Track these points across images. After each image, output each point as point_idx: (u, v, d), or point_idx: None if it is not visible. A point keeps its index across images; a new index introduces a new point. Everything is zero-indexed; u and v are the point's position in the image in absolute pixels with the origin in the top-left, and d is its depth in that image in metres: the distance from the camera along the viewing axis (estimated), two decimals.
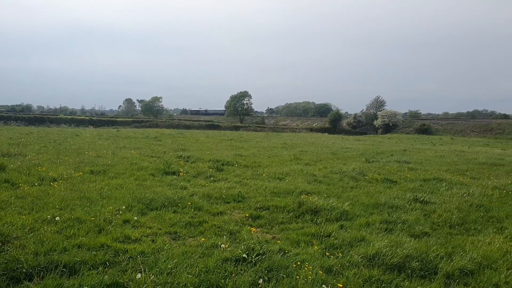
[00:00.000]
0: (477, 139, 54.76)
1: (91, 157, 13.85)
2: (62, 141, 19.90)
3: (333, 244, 5.71)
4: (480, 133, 64.58)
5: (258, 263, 4.80)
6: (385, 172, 13.16)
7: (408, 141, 42.66)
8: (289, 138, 35.08)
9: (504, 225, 7.03)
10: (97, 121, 55.68)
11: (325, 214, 7.31)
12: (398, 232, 6.41)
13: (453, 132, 67.39)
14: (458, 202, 8.64)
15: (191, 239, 5.80)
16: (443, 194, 9.62)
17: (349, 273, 4.63)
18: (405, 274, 4.77)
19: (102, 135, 27.02)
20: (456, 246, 5.71)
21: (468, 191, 9.93)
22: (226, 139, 29.05)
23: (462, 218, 7.41)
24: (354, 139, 41.83)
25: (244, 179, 10.89)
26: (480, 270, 4.91)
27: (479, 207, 8.35)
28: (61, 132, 29.83)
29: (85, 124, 51.48)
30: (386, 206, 8.18)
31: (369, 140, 42.48)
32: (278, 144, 26.00)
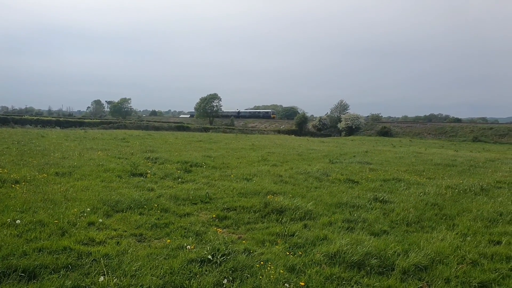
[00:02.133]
0: (433, 141, 57.34)
1: (56, 158, 13.41)
2: (27, 142, 19.08)
3: (297, 243, 5.87)
4: (436, 135, 67.62)
5: (223, 263, 4.88)
6: (347, 173, 13.58)
7: (370, 143, 44.00)
8: (258, 140, 35.30)
9: (456, 222, 7.47)
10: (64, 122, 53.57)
11: (290, 214, 7.48)
12: (359, 230, 6.67)
13: (411, 135, 70.14)
14: (415, 201, 9.07)
15: (157, 241, 5.79)
16: (401, 194, 10.06)
17: (311, 271, 4.79)
18: (365, 271, 4.99)
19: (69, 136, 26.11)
20: (412, 243, 6.01)
21: (424, 191, 10.43)
22: (195, 140, 28.85)
23: (418, 216, 7.79)
24: (319, 141, 42.68)
25: (212, 180, 10.91)
26: (433, 265, 5.21)
27: (434, 205, 8.80)
28: (26, 133, 28.52)
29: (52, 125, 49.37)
30: (348, 206, 8.47)
31: (333, 142, 43.46)
32: (247, 145, 26.13)
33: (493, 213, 8.15)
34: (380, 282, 4.64)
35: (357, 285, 4.58)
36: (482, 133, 63.30)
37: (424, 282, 4.74)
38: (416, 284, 4.66)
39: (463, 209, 8.53)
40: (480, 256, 5.59)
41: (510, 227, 7.18)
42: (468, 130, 66.01)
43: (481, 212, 8.22)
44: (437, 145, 45.60)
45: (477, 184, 11.58)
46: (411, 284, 4.64)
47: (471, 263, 5.30)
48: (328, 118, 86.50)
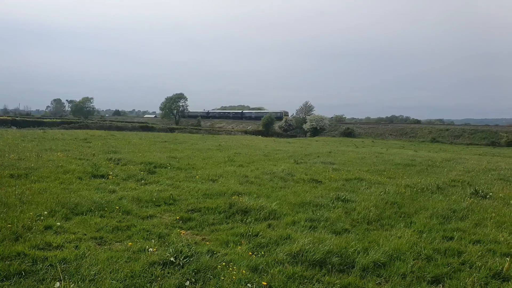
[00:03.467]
0: (394, 142, 59.45)
1: (12, 160, 12.76)
2: None
3: (261, 243, 5.92)
4: (397, 136, 70.12)
5: (186, 265, 4.84)
6: (311, 173, 13.82)
7: (333, 144, 44.99)
8: (224, 140, 35.19)
9: (413, 220, 7.77)
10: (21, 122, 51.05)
11: (255, 214, 7.53)
12: (321, 229, 6.81)
13: (374, 135, 72.33)
14: (376, 200, 9.36)
15: (118, 244, 5.66)
16: (363, 193, 10.35)
17: (274, 271, 4.85)
18: (326, 269, 5.10)
19: (27, 136, 24.87)
20: (372, 241, 6.21)
21: (385, 190, 10.79)
22: (160, 141, 28.33)
23: (378, 215, 8.05)
24: (285, 142, 43.13)
25: (176, 181, 10.78)
26: (391, 261, 5.40)
27: (393, 204, 9.12)
28: None
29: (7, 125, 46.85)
30: (311, 205, 8.62)
31: (299, 142, 44.07)
32: (213, 146, 25.99)
33: (447, 210, 8.55)
34: (341, 280, 4.76)
35: (318, 283, 4.68)
36: (439, 134, 66.26)
37: (382, 278, 4.91)
38: (375, 280, 4.82)
39: (420, 207, 8.88)
40: (434, 252, 5.84)
41: (462, 223, 7.56)
42: (427, 131, 68.89)
43: (436, 209, 8.60)
44: (398, 146, 47.29)
45: (434, 183, 12.10)
46: (370, 280, 4.79)
47: (426, 258, 5.54)
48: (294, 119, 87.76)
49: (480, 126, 70.63)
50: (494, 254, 5.85)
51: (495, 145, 56.44)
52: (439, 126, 72.09)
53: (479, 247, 6.12)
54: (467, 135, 63.43)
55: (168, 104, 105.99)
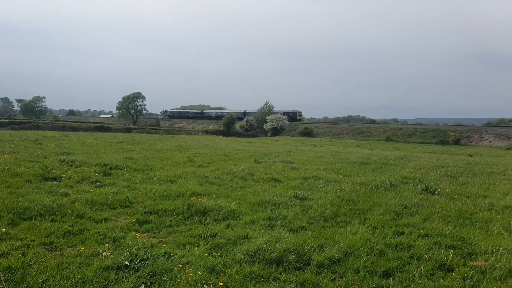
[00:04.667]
0: (351, 141, 61.30)
1: None
2: None
3: (219, 243, 5.91)
4: (354, 135, 72.36)
5: (141, 268, 4.74)
6: (271, 172, 13.97)
7: (293, 143, 45.70)
8: (184, 141, 34.73)
9: (367, 216, 8.05)
10: None
11: (214, 215, 7.50)
12: (279, 227, 6.90)
13: (331, 135, 74.23)
14: (332, 198, 9.62)
15: (70, 249, 5.44)
16: (320, 191, 10.60)
17: (231, 271, 4.86)
18: (283, 267, 5.17)
19: None
20: (327, 238, 6.37)
21: (341, 187, 11.10)
22: (116, 141, 27.46)
23: (334, 212, 8.27)
24: (246, 141, 43.27)
25: (133, 183, 10.52)
26: (345, 257, 5.56)
27: (349, 201, 9.40)
28: None
29: None
30: (270, 204, 8.71)
31: (259, 142, 44.37)
32: (172, 146, 25.59)
33: (399, 206, 8.94)
34: (297, 277, 4.85)
35: (275, 282, 4.74)
36: (393, 133, 69.05)
37: (337, 274, 5.05)
38: (330, 276, 4.95)
39: (374, 204, 9.21)
40: (386, 247, 6.09)
41: (412, 218, 7.93)
42: (382, 131, 71.56)
43: (389, 206, 8.96)
44: (354, 145, 48.80)
45: (387, 181, 12.60)
46: (325, 277, 4.92)
47: (378, 253, 5.77)
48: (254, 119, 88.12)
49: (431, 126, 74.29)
50: (440, 246, 6.18)
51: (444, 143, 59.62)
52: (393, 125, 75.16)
53: (427, 240, 6.44)
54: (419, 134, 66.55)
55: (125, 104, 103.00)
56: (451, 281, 4.85)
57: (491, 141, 58.26)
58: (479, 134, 62.03)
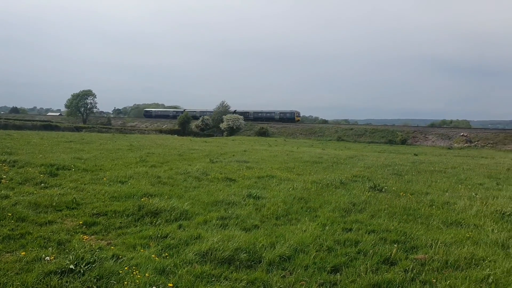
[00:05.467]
0: (304, 140, 62.74)
1: None
2: None
3: (170, 244, 5.82)
4: (307, 135, 74.12)
5: (87, 272, 4.57)
6: (226, 171, 13.96)
7: (249, 143, 45.94)
8: (137, 140, 33.82)
9: (318, 214, 8.28)
10: None
11: (166, 216, 7.39)
12: (232, 226, 6.93)
13: (286, 135, 75.56)
14: (285, 196, 9.79)
15: (9, 255, 5.12)
16: (273, 190, 10.75)
17: (182, 272, 4.81)
18: (234, 266, 5.20)
19: None
20: (279, 236, 6.47)
21: (293, 186, 11.33)
22: (64, 141, 26.18)
23: (286, 210, 8.43)
24: (202, 141, 42.90)
25: (81, 184, 10.10)
26: (296, 254, 5.69)
27: (301, 199, 9.62)
28: None
29: None
30: (224, 203, 8.72)
31: (215, 141, 44.18)
32: (124, 146, 24.83)
33: (348, 203, 9.28)
34: (248, 275, 4.90)
35: (226, 281, 4.75)
36: (345, 133, 71.48)
37: (287, 271, 5.15)
38: (280, 273, 5.04)
39: (325, 202, 9.49)
40: (335, 243, 6.30)
41: (360, 215, 8.26)
42: (334, 131, 73.84)
43: (339, 203, 9.27)
44: (308, 144, 49.94)
45: (338, 179, 13.03)
46: (275, 274, 5.00)
47: (327, 250, 5.95)
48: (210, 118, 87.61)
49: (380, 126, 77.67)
50: (385, 241, 6.49)
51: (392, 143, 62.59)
52: (344, 126, 77.77)
53: (373, 236, 6.73)
54: (369, 134, 69.36)
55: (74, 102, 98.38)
56: (393, 274, 5.10)
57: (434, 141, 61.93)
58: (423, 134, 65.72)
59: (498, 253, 6.09)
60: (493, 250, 6.25)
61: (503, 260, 5.77)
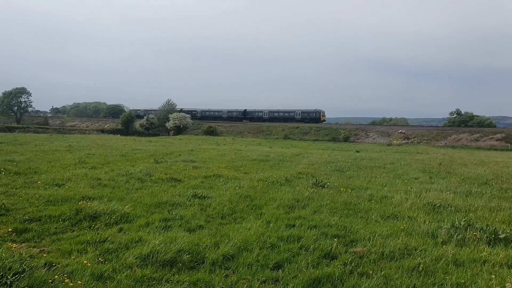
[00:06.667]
0: (252, 139, 63.28)
1: None
2: None
3: (109, 248, 5.59)
4: (255, 134, 74.83)
5: (15, 283, 4.25)
6: (171, 172, 13.69)
7: (196, 142, 45.45)
8: (76, 140, 32.13)
9: (263, 211, 8.36)
10: None
11: (105, 219, 7.09)
12: (176, 228, 6.80)
13: (234, 134, 75.74)
14: (231, 195, 9.78)
15: None
16: (219, 189, 10.71)
17: (121, 276, 4.64)
18: (177, 268, 5.10)
19: None
20: (223, 235, 6.45)
21: (240, 184, 11.37)
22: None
23: (232, 209, 8.42)
24: (146, 141, 41.69)
25: (12, 188, 9.41)
26: (239, 253, 5.69)
27: (246, 197, 9.66)
28: None
29: None
30: (167, 204, 8.54)
31: (161, 141, 43.16)
32: (62, 147, 23.48)
33: (292, 200, 9.47)
34: (190, 277, 4.83)
35: (167, 283, 4.65)
36: (291, 131, 73.02)
37: (230, 270, 5.14)
38: (223, 273, 5.02)
39: (270, 199, 9.60)
40: (278, 240, 6.39)
41: (304, 211, 8.46)
42: (280, 129, 75.14)
43: (283, 200, 9.42)
44: (256, 143, 50.41)
45: (283, 176, 13.27)
46: (218, 274, 4.97)
47: (270, 246, 6.02)
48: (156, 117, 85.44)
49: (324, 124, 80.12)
50: (326, 236, 6.69)
51: (336, 140, 64.94)
52: (290, 124, 79.30)
53: (315, 231, 6.92)
54: (313, 132, 71.39)
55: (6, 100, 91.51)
56: (333, 268, 5.27)
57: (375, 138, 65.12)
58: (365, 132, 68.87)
59: (428, 243, 6.51)
60: (424, 240, 6.68)
61: (432, 248, 6.18)
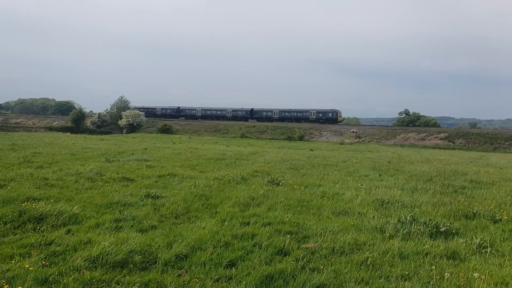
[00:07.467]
0: (209, 138, 62.89)
1: None
2: None
3: (55, 251, 5.35)
4: (212, 132, 74.41)
5: None
6: (123, 171, 13.30)
7: (151, 140, 44.44)
8: (21, 139, 30.34)
9: (218, 210, 8.34)
10: None
11: (52, 221, 6.77)
12: (127, 229, 6.62)
13: (191, 132, 74.85)
14: (185, 194, 9.67)
15: None
16: (174, 188, 10.55)
17: (68, 280, 4.45)
18: (128, 269, 4.97)
19: None
20: (177, 235, 6.36)
21: (195, 183, 11.26)
22: None
23: (186, 208, 8.33)
24: (98, 139, 40.18)
25: None
26: (193, 252, 5.64)
27: (202, 196, 9.59)
28: None
29: None
30: (119, 205, 8.30)
31: (113, 139, 41.78)
32: (5, 145, 22.14)
33: (247, 198, 9.52)
34: (142, 278, 4.73)
35: (118, 285, 4.53)
36: (248, 130, 73.33)
37: (183, 270, 5.09)
38: (176, 273, 4.95)
39: (225, 197, 9.60)
40: (233, 238, 6.40)
41: (258, 208, 8.54)
42: (237, 128, 75.24)
43: (239, 198, 9.46)
44: (212, 141, 50.12)
45: (239, 175, 13.31)
46: (171, 274, 4.91)
47: (225, 245, 6.03)
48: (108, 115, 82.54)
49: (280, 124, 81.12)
50: (280, 233, 6.80)
51: (291, 139, 66.01)
52: (247, 123, 79.61)
53: (269, 228, 7.01)
54: (270, 131, 72.15)
55: None
56: (286, 264, 5.38)
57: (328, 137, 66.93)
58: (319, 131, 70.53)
59: (376, 237, 6.81)
60: (373, 235, 6.97)
61: (380, 243, 6.47)
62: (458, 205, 9.47)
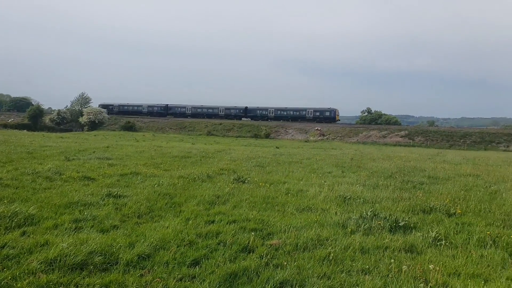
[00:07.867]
0: (174, 135, 62.05)
1: None
2: None
3: (8, 254, 5.10)
4: (177, 130, 73.45)
5: None
6: (84, 170, 12.87)
7: (113, 138, 43.27)
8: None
9: (183, 209, 8.24)
10: None
11: (5, 222, 6.45)
12: (88, 229, 6.42)
13: (155, 129, 73.52)
14: (149, 193, 9.49)
15: None
16: (137, 187, 10.32)
17: (22, 284, 4.27)
18: (87, 271, 4.83)
19: None
20: (139, 234, 6.24)
21: (159, 182, 11.07)
22: None
23: (150, 207, 8.18)
24: (57, 137, 38.58)
25: None
26: (156, 252, 5.55)
27: (166, 195, 9.44)
28: None
29: None
30: (79, 205, 8.02)
31: (74, 137, 40.32)
32: None
33: (213, 196, 9.48)
34: (102, 279, 4.60)
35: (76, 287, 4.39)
36: (214, 128, 73.00)
37: (146, 269, 5.00)
38: (138, 273, 4.86)
39: (190, 196, 9.49)
40: (197, 236, 6.36)
41: (224, 206, 8.53)
42: (203, 125, 74.71)
43: (204, 197, 9.39)
44: (178, 139, 49.46)
45: (205, 173, 13.21)
46: (133, 274, 4.81)
47: (188, 244, 5.97)
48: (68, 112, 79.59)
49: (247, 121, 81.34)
50: (244, 230, 6.82)
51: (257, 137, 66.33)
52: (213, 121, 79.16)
53: (234, 226, 7.01)
54: (236, 129, 72.14)
55: None
56: (250, 261, 5.41)
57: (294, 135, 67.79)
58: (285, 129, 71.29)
59: (339, 233, 6.97)
60: (335, 230, 7.13)
61: (342, 238, 6.64)
62: (416, 200, 9.86)
